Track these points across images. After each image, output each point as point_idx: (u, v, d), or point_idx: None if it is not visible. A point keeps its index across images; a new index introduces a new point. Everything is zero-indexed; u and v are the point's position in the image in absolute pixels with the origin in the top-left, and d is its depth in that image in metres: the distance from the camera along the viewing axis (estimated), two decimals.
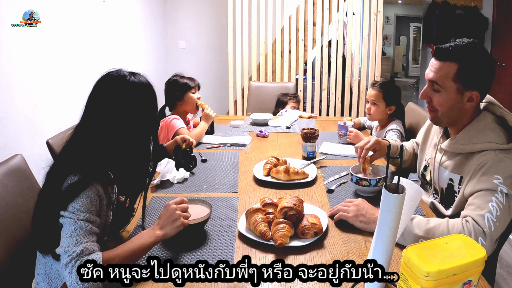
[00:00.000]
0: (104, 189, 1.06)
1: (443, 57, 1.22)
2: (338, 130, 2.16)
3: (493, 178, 1.12)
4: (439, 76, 1.22)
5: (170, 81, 2.28)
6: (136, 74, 1.10)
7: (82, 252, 0.92)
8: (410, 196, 0.97)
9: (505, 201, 1.10)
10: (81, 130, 1.07)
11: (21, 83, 2.00)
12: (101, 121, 1.05)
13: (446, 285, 0.75)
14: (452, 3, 4.43)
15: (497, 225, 1.07)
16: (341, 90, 4.02)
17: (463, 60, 1.19)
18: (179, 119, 2.21)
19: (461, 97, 1.22)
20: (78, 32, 2.56)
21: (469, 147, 1.22)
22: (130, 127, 1.07)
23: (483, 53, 1.21)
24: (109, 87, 1.07)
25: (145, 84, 1.10)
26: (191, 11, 4.53)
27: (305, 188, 1.52)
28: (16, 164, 1.35)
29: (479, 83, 1.21)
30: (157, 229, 1.03)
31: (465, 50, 1.19)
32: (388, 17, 4.97)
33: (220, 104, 4.65)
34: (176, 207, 1.07)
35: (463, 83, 1.20)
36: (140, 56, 3.76)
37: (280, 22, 3.98)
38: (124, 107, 1.06)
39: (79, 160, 1.03)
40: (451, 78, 1.20)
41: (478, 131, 1.22)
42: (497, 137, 1.19)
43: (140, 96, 1.08)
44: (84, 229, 0.95)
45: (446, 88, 1.22)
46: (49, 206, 1.02)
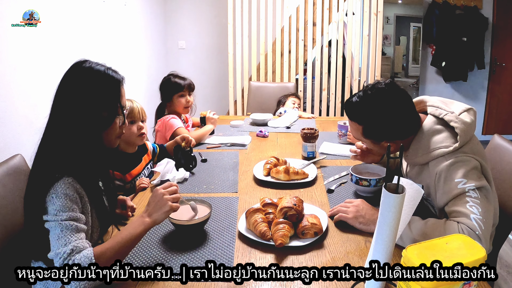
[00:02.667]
0: (83, 185, 1.04)
1: (349, 116, 1.28)
2: (338, 130, 2.16)
3: (455, 183, 1.11)
4: (353, 131, 1.31)
5: (163, 80, 2.31)
6: (88, 61, 1.08)
7: (72, 250, 0.92)
8: (410, 196, 0.97)
9: (479, 194, 1.09)
10: (47, 127, 1.06)
11: (21, 83, 1.99)
12: (58, 112, 1.04)
13: (446, 285, 0.75)
14: (452, 3, 4.43)
15: (485, 221, 1.06)
16: (341, 90, 4.02)
17: (364, 121, 1.24)
18: (177, 118, 2.22)
19: (380, 145, 1.28)
20: (78, 32, 2.56)
21: (420, 159, 1.23)
22: (79, 116, 1.03)
23: (384, 107, 1.20)
24: (64, 77, 1.06)
25: (94, 71, 1.06)
26: (191, 11, 4.53)
27: (305, 188, 1.52)
28: (16, 164, 1.35)
29: (387, 136, 1.24)
30: (146, 216, 1.02)
31: (365, 109, 1.22)
32: (388, 17, 4.96)
33: (220, 104, 4.65)
34: (164, 192, 1.05)
35: (372, 139, 1.26)
36: (140, 56, 3.76)
37: (280, 22, 3.98)
38: (72, 92, 1.04)
39: (50, 158, 1.03)
40: (361, 135, 1.27)
41: (423, 143, 1.22)
42: (442, 142, 1.18)
43: (90, 82, 1.05)
44: (69, 228, 0.95)
45: (363, 140, 1.30)
46: (32, 211, 1.02)
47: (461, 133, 1.15)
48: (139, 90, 3.68)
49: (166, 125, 2.16)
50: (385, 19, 4.72)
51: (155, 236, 1.17)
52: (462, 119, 1.18)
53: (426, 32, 4.58)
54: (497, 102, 4.75)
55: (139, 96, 3.60)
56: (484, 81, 4.73)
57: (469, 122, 1.18)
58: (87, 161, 1.07)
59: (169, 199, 1.04)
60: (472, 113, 1.21)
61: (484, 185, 1.11)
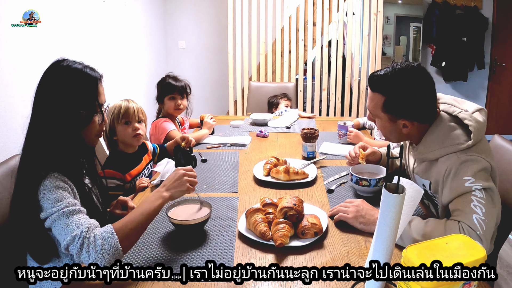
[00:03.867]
0: (71, 179, 1.06)
1: (373, 88, 1.25)
2: (338, 130, 2.16)
3: (463, 181, 1.11)
4: (371, 106, 1.27)
5: (159, 80, 2.31)
6: (66, 60, 1.09)
7: (89, 228, 0.94)
8: (410, 196, 0.97)
9: (485, 195, 1.09)
10: (30, 127, 1.07)
11: (21, 83, 1.99)
12: (38, 111, 1.05)
13: (446, 285, 0.75)
14: (452, 3, 4.43)
15: (487, 221, 1.06)
16: (341, 90, 4.02)
17: (389, 93, 1.21)
18: (169, 121, 2.22)
19: (395, 124, 1.25)
20: (78, 32, 2.56)
21: (431, 155, 1.23)
22: (55, 113, 1.04)
23: (411, 82, 1.19)
24: (42, 76, 1.07)
25: (72, 69, 1.07)
26: (191, 11, 4.53)
27: (305, 188, 1.52)
28: (16, 164, 1.35)
29: (407, 113, 1.22)
30: (163, 191, 1.05)
31: (393, 80, 1.20)
32: (388, 17, 4.95)
33: (220, 104, 4.65)
34: (185, 173, 1.08)
35: (391, 114, 1.23)
36: (140, 56, 3.76)
37: (280, 22, 3.97)
38: (51, 91, 1.05)
39: (35, 157, 1.04)
40: (380, 109, 1.24)
41: (436, 137, 1.22)
42: (455, 138, 1.18)
43: (64, 79, 1.06)
44: (74, 212, 0.97)
45: (379, 116, 1.27)
46: (20, 209, 1.03)
47: (474, 131, 1.15)
48: (139, 90, 3.68)
49: (158, 128, 2.17)
50: (385, 19, 4.72)
51: (155, 236, 1.17)
52: (476, 118, 1.18)
53: (426, 32, 4.58)
54: (497, 102, 4.75)
55: (138, 96, 3.60)
56: (484, 81, 4.73)
57: (482, 121, 1.19)
58: (70, 159, 1.08)
59: (188, 180, 1.08)
60: (484, 113, 1.22)
61: (491, 187, 1.11)
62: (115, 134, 1.70)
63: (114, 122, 1.68)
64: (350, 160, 1.61)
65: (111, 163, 1.68)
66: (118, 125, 1.68)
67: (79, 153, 1.13)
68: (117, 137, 1.71)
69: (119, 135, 1.70)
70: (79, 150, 1.12)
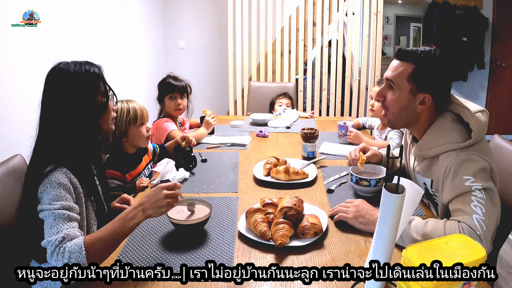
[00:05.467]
0: (78, 177, 1.08)
1: (402, 57, 1.24)
2: (338, 130, 2.16)
3: (463, 180, 1.11)
4: (395, 74, 1.24)
5: (160, 81, 2.32)
6: (63, 61, 1.14)
7: (64, 238, 0.95)
8: (410, 196, 0.97)
9: (485, 195, 1.10)
10: (42, 124, 1.13)
11: (21, 83, 1.99)
12: (52, 110, 1.11)
13: (446, 285, 0.75)
14: (452, 3, 4.43)
15: (487, 222, 1.06)
16: (341, 90, 4.02)
17: (420, 62, 1.21)
18: (170, 121, 2.22)
19: (413, 98, 1.23)
20: (78, 32, 2.56)
21: (432, 151, 1.23)
22: (67, 113, 1.10)
23: (441, 60, 1.21)
24: (46, 80, 1.14)
25: (71, 70, 1.13)
26: (191, 11, 4.53)
27: (305, 188, 1.52)
28: (16, 164, 1.35)
29: (432, 86, 1.21)
30: (140, 210, 1.01)
31: (424, 54, 1.21)
32: (388, 17, 4.95)
33: (220, 104, 4.65)
34: (166, 193, 1.03)
35: (417, 84, 1.22)
36: (140, 56, 3.76)
37: (280, 22, 3.97)
38: (56, 92, 1.11)
39: (46, 153, 1.08)
40: (405, 77, 1.22)
41: (438, 133, 1.22)
42: (456, 136, 1.18)
43: (68, 81, 1.11)
44: (62, 217, 0.98)
45: (400, 86, 1.24)
46: (27, 204, 1.05)
47: (475, 130, 1.16)
48: (139, 90, 3.68)
49: (159, 128, 2.17)
50: (385, 19, 4.72)
51: (155, 236, 1.17)
52: (478, 117, 1.19)
53: (426, 32, 4.58)
54: (497, 102, 4.75)
55: (139, 96, 3.60)
56: (484, 81, 4.73)
57: (483, 121, 1.19)
58: (82, 152, 1.13)
59: (168, 201, 1.03)
60: (486, 115, 1.23)
61: (490, 187, 1.11)
62: (125, 136, 1.69)
63: (128, 124, 1.66)
64: (351, 161, 1.61)
65: (111, 163, 1.68)
66: (132, 127, 1.67)
67: (96, 145, 1.18)
68: (126, 139, 1.69)
69: (130, 137, 1.68)
70: (97, 140, 1.17)
